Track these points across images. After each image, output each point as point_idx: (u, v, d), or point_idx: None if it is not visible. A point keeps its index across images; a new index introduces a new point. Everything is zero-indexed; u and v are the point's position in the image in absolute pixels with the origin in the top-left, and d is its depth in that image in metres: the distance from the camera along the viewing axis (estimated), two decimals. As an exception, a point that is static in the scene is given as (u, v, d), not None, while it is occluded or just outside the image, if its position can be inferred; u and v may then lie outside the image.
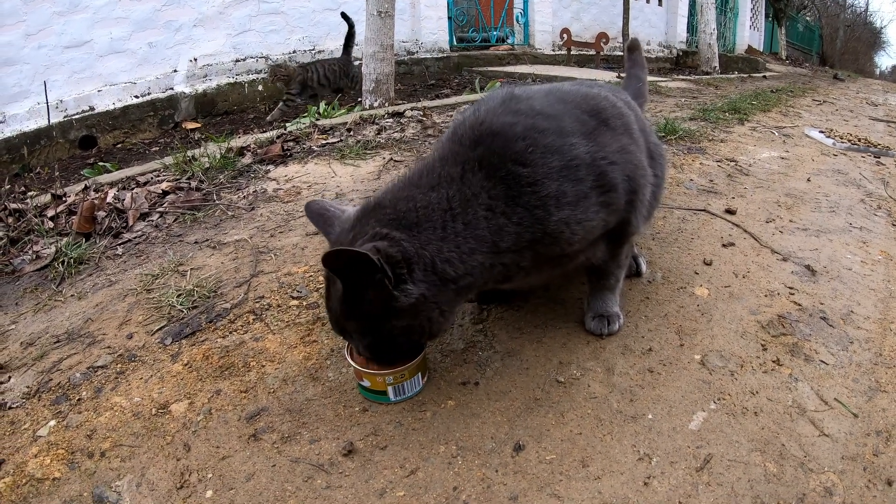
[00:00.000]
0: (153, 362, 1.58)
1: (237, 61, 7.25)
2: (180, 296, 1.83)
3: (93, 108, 6.40)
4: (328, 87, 6.45)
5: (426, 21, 9.02)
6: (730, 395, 1.41)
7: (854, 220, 2.55)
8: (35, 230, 2.42)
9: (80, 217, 2.42)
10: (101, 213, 2.50)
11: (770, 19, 19.30)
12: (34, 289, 2.03)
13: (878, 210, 2.76)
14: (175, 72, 6.87)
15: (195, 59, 6.95)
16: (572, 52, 10.51)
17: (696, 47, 11.54)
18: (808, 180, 3.15)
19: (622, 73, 7.68)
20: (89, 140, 6.24)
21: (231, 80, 7.14)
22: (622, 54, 9.83)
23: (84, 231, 2.39)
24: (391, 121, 3.96)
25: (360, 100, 5.50)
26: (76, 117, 6.24)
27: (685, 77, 8.53)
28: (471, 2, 10.32)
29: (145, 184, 2.90)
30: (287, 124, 4.31)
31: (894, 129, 5.57)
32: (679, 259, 2.04)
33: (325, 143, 3.35)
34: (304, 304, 1.79)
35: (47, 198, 2.81)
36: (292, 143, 3.36)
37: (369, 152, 3.15)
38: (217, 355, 1.58)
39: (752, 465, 1.22)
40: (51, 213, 2.61)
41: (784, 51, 18.31)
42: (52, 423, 1.40)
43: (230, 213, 2.46)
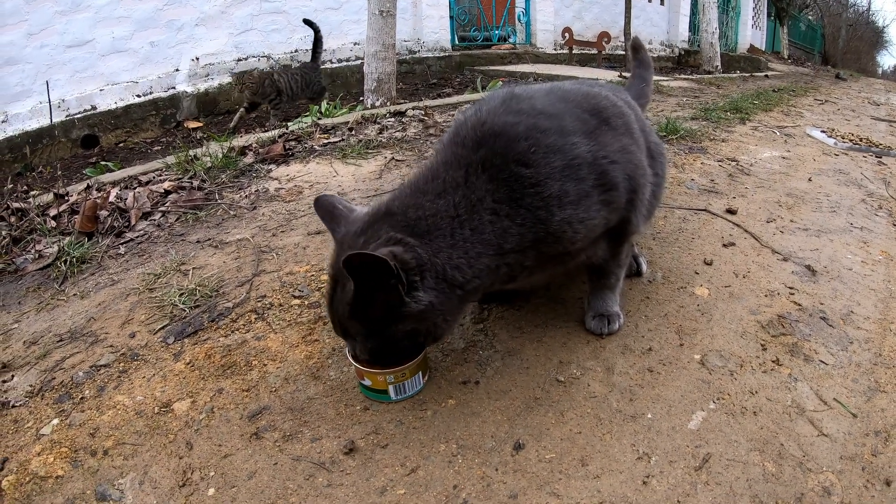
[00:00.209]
0: (156, 361, 1.59)
1: (239, 60, 7.26)
2: (182, 295, 1.84)
3: (95, 108, 6.42)
4: (291, 97, 6.09)
5: (428, 20, 9.02)
6: (729, 395, 1.41)
7: (855, 220, 2.55)
8: (37, 229, 2.43)
9: (83, 216, 2.42)
10: (104, 213, 2.51)
11: (772, 18, 19.26)
12: (37, 288, 2.04)
13: (878, 210, 2.76)
14: (177, 71, 6.88)
15: (197, 59, 6.96)
16: (574, 52, 10.51)
17: (698, 46, 11.54)
18: (810, 180, 3.15)
19: (624, 73, 7.68)
20: (91, 139, 6.25)
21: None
22: (624, 53, 9.84)
23: (86, 230, 2.40)
24: (393, 120, 3.97)
25: (361, 99, 5.50)
26: (78, 116, 6.26)
27: (687, 76, 8.52)
28: (472, 1, 10.31)
29: (147, 183, 2.91)
30: (289, 124, 4.32)
31: (896, 128, 5.56)
32: (679, 259, 2.05)
33: (326, 142, 3.36)
34: (306, 303, 1.80)
35: (50, 197, 2.82)
36: (294, 143, 3.37)
37: (371, 152, 3.16)
38: (219, 354, 1.59)
39: (750, 465, 1.22)
40: (53, 212, 2.62)
41: (786, 50, 18.28)
42: (56, 421, 1.41)
43: (232, 213, 2.47)
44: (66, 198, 2.78)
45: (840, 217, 2.58)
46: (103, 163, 4.93)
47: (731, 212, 2.49)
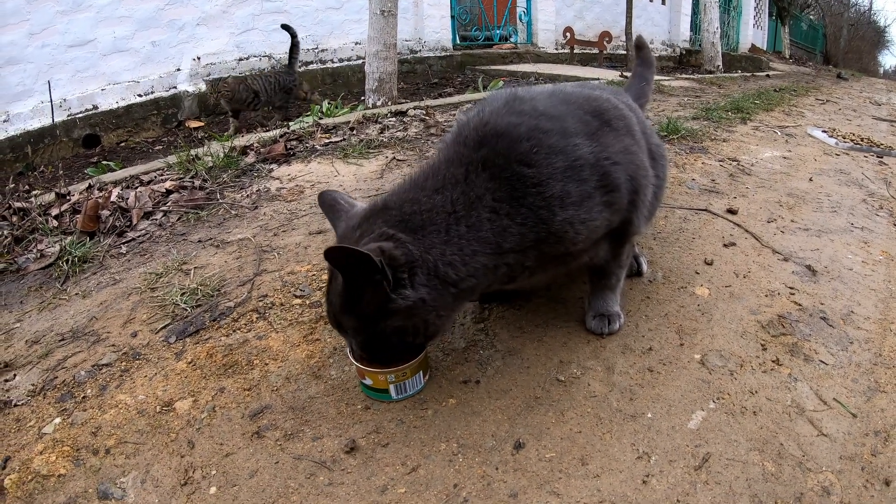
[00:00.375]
0: (157, 360, 1.60)
1: (240, 60, 7.27)
2: (184, 294, 1.85)
3: (96, 107, 6.43)
4: (265, 101, 5.96)
5: (429, 20, 9.03)
6: (729, 395, 1.42)
7: (856, 220, 2.56)
8: (39, 229, 2.44)
9: (85, 216, 2.43)
10: (105, 212, 2.51)
11: (774, 18, 19.25)
12: (39, 287, 2.05)
13: (879, 210, 2.76)
14: (178, 71, 6.89)
15: (198, 58, 6.97)
16: (575, 51, 10.51)
17: (700, 46, 11.54)
18: (811, 180, 3.15)
19: (625, 72, 7.69)
20: (93, 139, 6.26)
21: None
22: (625, 53, 9.85)
23: (88, 230, 2.40)
24: (394, 120, 3.97)
25: (362, 99, 5.50)
26: (80, 116, 6.27)
27: (688, 76, 8.52)
28: (474, 0, 10.32)
29: (149, 182, 2.91)
30: (290, 123, 4.32)
31: (897, 128, 5.56)
32: (680, 259, 2.05)
33: (328, 141, 3.36)
34: (307, 302, 1.80)
35: (51, 196, 2.83)
36: (295, 143, 3.37)
37: (372, 151, 3.16)
38: (221, 353, 1.60)
39: (750, 465, 1.23)
40: (55, 211, 2.62)
41: (787, 50, 18.27)
42: (58, 420, 1.42)
43: (233, 212, 2.48)
44: (68, 197, 2.79)
45: (841, 217, 2.58)
46: (105, 162, 4.94)
47: (731, 212, 2.49)
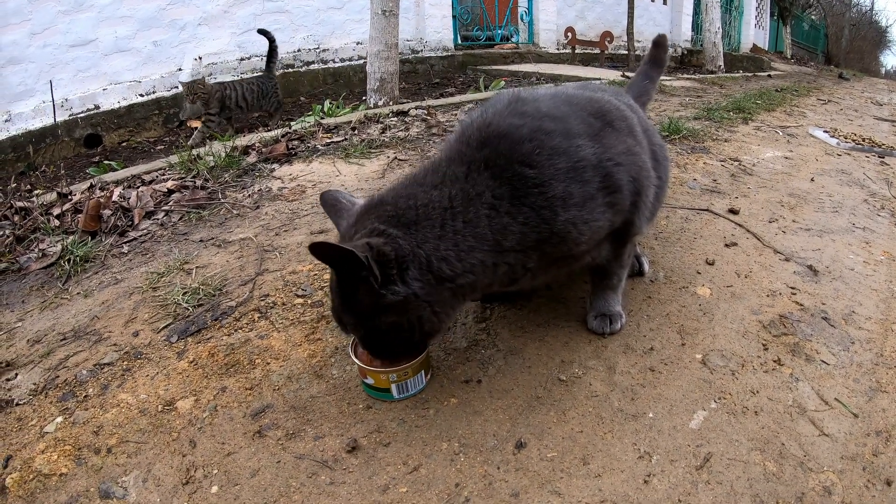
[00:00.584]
0: (159, 360, 1.60)
1: (242, 60, 7.27)
2: (186, 294, 1.85)
3: (98, 107, 6.44)
4: (245, 110, 5.80)
5: (430, 20, 9.02)
6: (730, 395, 1.42)
7: (857, 221, 2.55)
8: (41, 228, 2.44)
9: (86, 215, 2.43)
10: (107, 212, 2.51)
11: (775, 18, 19.24)
12: (40, 287, 2.05)
13: (881, 210, 2.76)
14: (180, 70, 6.90)
15: (200, 58, 6.97)
16: (577, 51, 10.50)
17: (701, 46, 11.51)
18: (812, 180, 3.14)
19: (627, 72, 7.69)
20: (94, 138, 6.27)
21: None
22: (627, 53, 9.84)
23: (90, 229, 2.40)
24: (396, 120, 3.97)
25: (364, 99, 5.50)
26: (81, 116, 6.27)
27: (690, 76, 8.51)
28: (475, 0, 10.31)
29: (151, 182, 2.92)
30: (292, 123, 4.32)
31: (899, 128, 5.55)
32: (681, 259, 2.05)
33: (329, 141, 3.36)
34: (309, 302, 1.80)
35: (53, 196, 2.83)
36: (297, 142, 3.37)
37: (374, 151, 3.16)
38: (222, 353, 1.60)
39: (751, 464, 1.23)
40: (56, 211, 2.63)
41: (789, 50, 18.26)
42: (59, 419, 1.42)
43: (235, 212, 2.48)
44: (70, 197, 2.79)
45: (842, 217, 2.58)
46: (106, 162, 4.94)
47: (733, 212, 2.49)
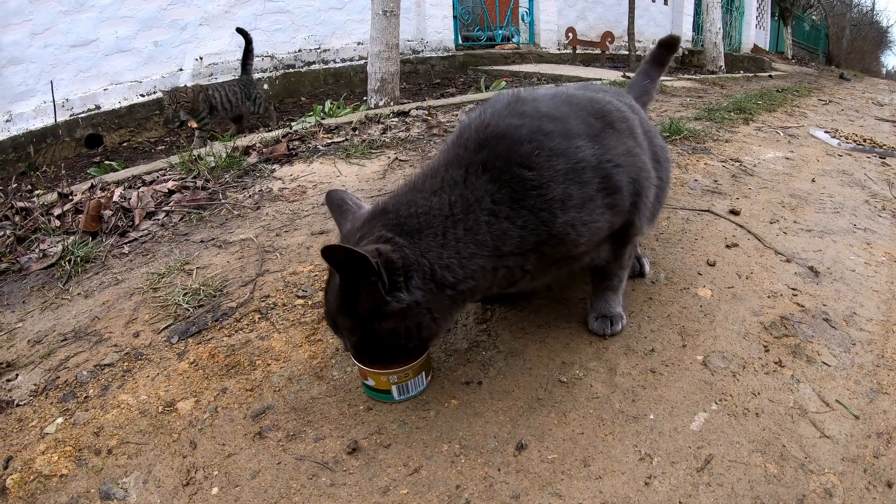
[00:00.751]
0: (160, 360, 1.60)
1: (243, 60, 7.27)
2: (186, 294, 1.85)
3: (99, 107, 6.44)
4: (230, 112, 5.65)
5: (431, 20, 9.03)
6: (731, 396, 1.42)
7: (858, 222, 2.55)
8: (42, 228, 2.44)
9: (87, 216, 2.43)
10: (108, 212, 2.52)
11: (776, 18, 19.23)
12: (41, 287, 2.05)
13: (882, 211, 2.75)
14: (181, 70, 6.90)
15: (201, 58, 6.98)
16: (577, 51, 10.50)
17: (702, 46, 11.51)
18: (813, 181, 3.14)
19: (628, 73, 7.68)
20: (95, 139, 6.27)
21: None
22: (628, 53, 9.85)
23: (90, 230, 2.40)
24: (396, 120, 3.97)
25: (364, 99, 5.50)
26: (82, 116, 6.28)
27: (691, 76, 8.51)
28: (476, 1, 10.32)
29: (151, 183, 2.92)
30: (293, 123, 4.32)
31: (900, 129, 5.55)
32: (682, 260, 2.05)
33: (330, 142, 3.37)
34: (310, 303, 1.80)
35: (54, 196, 2.84)
36: (298, 143, 3.38)
37: (374, 152, 3.16)
38: (223, 354, 1.60)
39: (752, 466, 1.23)
40: (57, 211, 2.63)
41: (790, 50, 18.25)
42: (60, 420, 1.42)
43: (236, 213, 2.48)
44: (70, 197, 2.79)
45: (843, 218, 2.58)
46: (107, 162, 4.95)
47: (734, 213, 2.49)
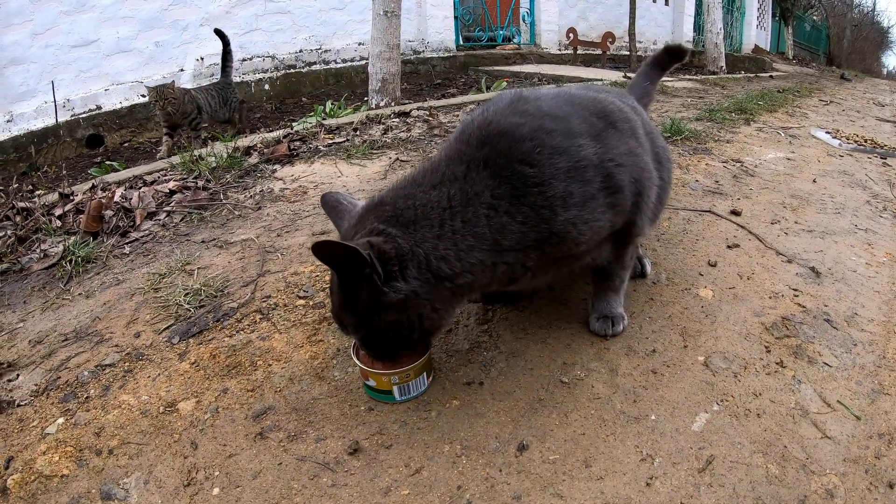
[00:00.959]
0: (161, 361, 1.60)
1: (243, 60, 7.27)
2: (187, 295, 1.85)
3: (100, 107, 6.44)
4: (210, 116, 5.37)
5: (432, 20, 9.03)
6: (733, 397, 1.41)
7: (859, 222, 2.55)
8: (43, 229, 2.44)
9: (88, 216, 2.43)
10: (109, 212, 2.52)
11: (777, 19, 19.22)
12: (42, 287, 2.05)
13: (883, 212, 2.75)
14: (182, 71, 6.90)
15: (202, 59, 6.98)
16: (578, 52, 10.50)
17: (703, 47, 11.50)
18: (814, 181, 3.14)
19: (629, 73, 7.69)
20: (96, 139, 6.27)
21: (237, 80, 7.14)
22: (628, 54, 9.85)
23: (91, 230, 2.40)
24: (397, 120, 3.97)
25: (365, 99, 5.50)
26: (83, 116, 6.28)
27: (691, 77, 8.50)
28: (477, 1, 10.32)
29: (152, 183, 2.92)
30: (294, 124, 4.32)
31: (901, 129, 5.54)
32: (684, 260, 2.05)
33: (331, 142, 3.37)
34: (311, 303, 1.80)
35: (55, 196, 2.84)
36: (299, 143, 3.37)
37: (375, 152, 3.16)
38: (224, 354, 1.60)
39: (753, 467, 1.23)
40: (58, 211, 2.63)
41: (791, 50, 18.24)
42: (61, 420, 1.42)
43: (237, 213, 2.48)
44: (71, 197, 2.79)
45: (844, 219, 2.58)
46: (108, 162, 4.95)
47: (735, 213, 2.49)
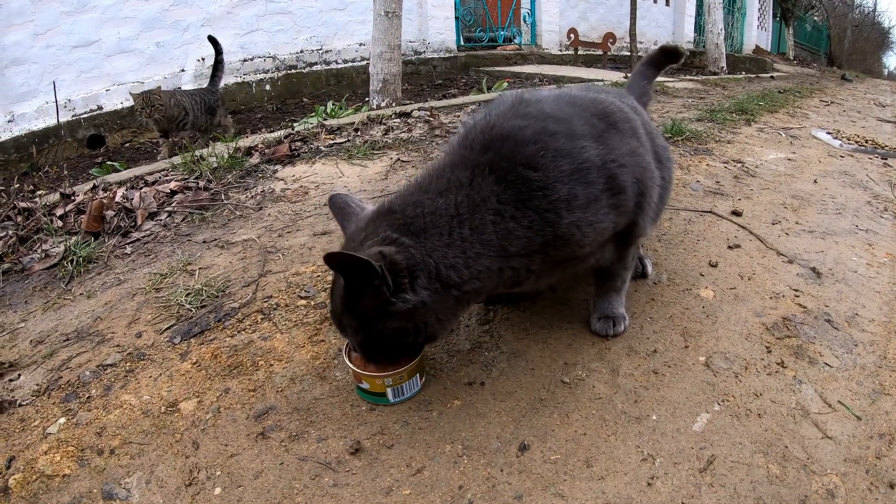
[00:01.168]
0: (162, 361, 1.60)
1: (244, 61, 7.28)
2: (189, 295, 1.85)
3: (101, 108, 6.45)
4: (193, 120, 5.16)
5: (433, 21, 9.03)
6: (734, 397, 1.41)
7: (860, 223, 2.55)
8: (44, 229, 2.45)
9: (89, 216, 2.44)
10: (110, 213, 2.52)
11: (778, 19, 19.21)
12: (43, 287, 2.05)
13: (884, 212, 2.75)
14: (183, 71, 6.91)
15: (203, 59, 6.98)
16: (579, 52, 10.51)
17: (704, 47, 11.49)
18: (815, 182, 3.14)
19: (629, 74, 7.67)
20: (97, 139, 6.28)
21: (238, 80, 7.17)
22: (629, 54, 9.84)
23: (93, 230, 2.41)
24: (398, 121, 3.97)
25: (366, 100, 5.51)
26: (84, 116, 6.29)
27: (692, 77, 8.50)
28: (478, 2, 10.34)
29: (154, 183, 2.92)
30: (295, 124, 4.33)
31: (902, 130, 5.54)
32: (685, 261, 2.05)
33: (332, 143, 3.37)
34: (312, 303, 1.80)
35: (56, 197, 2.84)
36: (300, 143, 3.38)
37: (377, 152, 3.16)
38: (225, 354, 1.60)
39: (754, 467, 1.23)
40: (59, 211, 2.63)
41: (792, 51, 18.22)
42: (62, 420, 1.42)
43: (238, 213, 2.48)
44: (73, 197, 2.79)
45: (845, 219, 2.58)
46: (109, 163, 4.96)
47: (736, 214, 2.49)
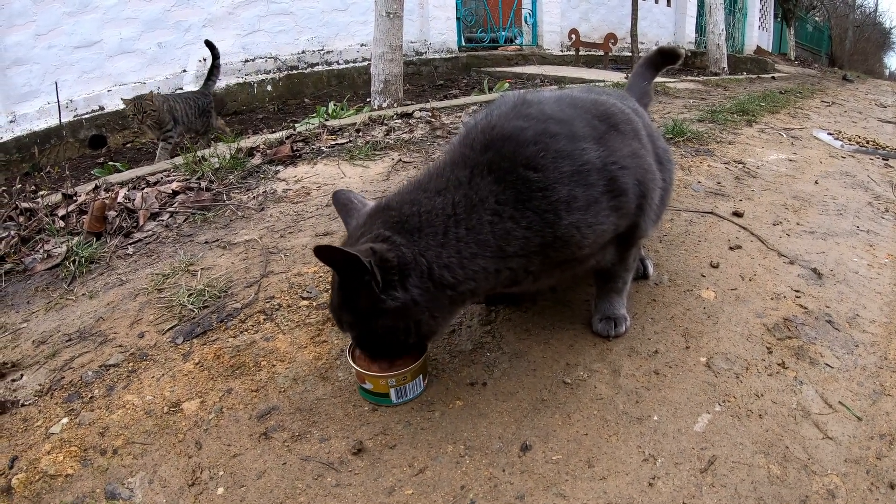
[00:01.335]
0: (165, 361, 1.60)
1: (246, 61, 7.28)
2: (191, 295, 1.85)
3: (102, 108, 6.46)
4: (186, 127, 5.10)
5: (434, 21, 9.03)
6: (735, 398, 1.42)
7: (861, 223, 2.55)
8: (46, 229, 2.45)
9: (91, 216, 2.44)
10: (112, 213, 2.52)
11: (779, 20, 19.19)
12: (45, 287, 2.06)
13: (885, 213, 2.75)
14: (184, 72, 6.91)
15: (204, 60, 6.97)
16: (580, 53, 10.51)
17: (705, 48, 11.49)
18: (816, 183, 3.14)
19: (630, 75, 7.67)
20: (99, 139, 6.29)
21: (240, 81, 7.17)
22: (630, 55, 9.84)
23: (95, 230, 2.41)
24: (400, 121, 3.98)
25: (368, 100, 5.51)
26: (86, 117, 6.29)
27: (693, 78, 8.50)
28: (479, 2, 10.33)
29: (155, 183, 2.92)
30: (296, 125, 4.33)
31: (903, 131, 5.54)
32: (686, 261, 2.05)
33: (334, 143, 3.37)
34: (314, 304, 1.81)
35: (58, 197, 2.84)
36: (301, 144, 3.38)
37: (378, 153, 3.17)
38: (228, 354, 1.60)
39: (755, 467, 1.23)
40: (61, 212, 2.64)
41: (793, 51, 18.20)
42: (65, 420, 1.42)
43: (240, 214, 2.49)
44: (75, 198, 2.80)
45: (846, 220, 2.58)
46: (111, 163, 4.96)
47: (737, 214, 2.49)
